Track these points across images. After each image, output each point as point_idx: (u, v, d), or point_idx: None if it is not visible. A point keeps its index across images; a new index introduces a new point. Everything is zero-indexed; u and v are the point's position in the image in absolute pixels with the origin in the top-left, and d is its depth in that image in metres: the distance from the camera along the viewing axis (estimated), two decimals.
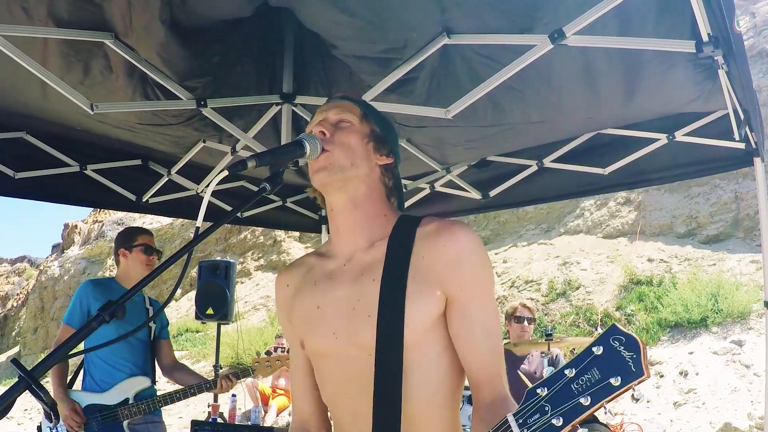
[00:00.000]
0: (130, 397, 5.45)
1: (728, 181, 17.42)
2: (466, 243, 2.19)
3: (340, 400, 2.32)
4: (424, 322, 2.15)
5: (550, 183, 6.25)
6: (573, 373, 1.68)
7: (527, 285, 18.69)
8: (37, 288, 37.26)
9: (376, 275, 2.21)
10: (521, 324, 7.64)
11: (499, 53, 3.84)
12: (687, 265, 16.87)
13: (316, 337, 2.32)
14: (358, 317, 2.20)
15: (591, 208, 20.33)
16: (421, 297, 2.14)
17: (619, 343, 1.65)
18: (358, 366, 2.19)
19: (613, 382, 1.62)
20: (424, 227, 2.26)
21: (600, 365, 1.66)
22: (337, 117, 2.34)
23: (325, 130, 2.27)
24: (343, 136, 2.29)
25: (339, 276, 2.32)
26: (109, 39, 3.78)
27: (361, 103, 2.46)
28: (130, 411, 5.39)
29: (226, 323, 10.40)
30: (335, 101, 2.42)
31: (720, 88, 3.93)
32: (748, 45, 17.45)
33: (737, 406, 11.61)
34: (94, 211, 37.05)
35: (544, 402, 1.70)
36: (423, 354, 2.17)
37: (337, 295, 2.29)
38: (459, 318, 2.17)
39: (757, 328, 13.66)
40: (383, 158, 2.39)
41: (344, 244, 2.36)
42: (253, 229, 28.39)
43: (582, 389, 1.66)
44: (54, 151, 5.77)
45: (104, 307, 1.77)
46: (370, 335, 2.15)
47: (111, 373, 5.49)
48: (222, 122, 4.72)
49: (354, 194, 2.31)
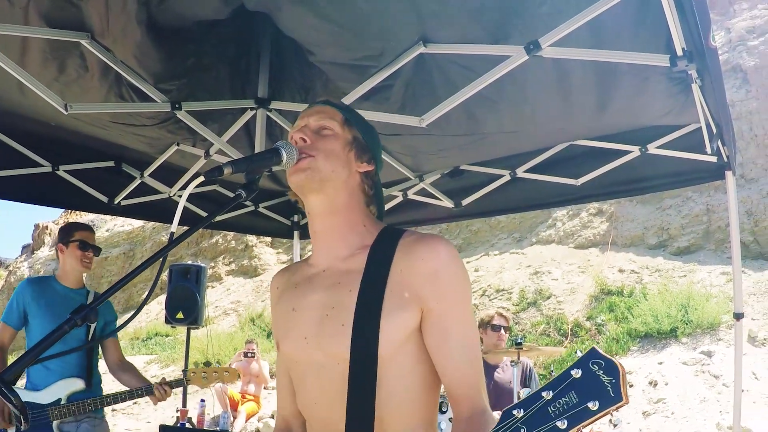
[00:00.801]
0: (63, 398, 5.42)
1: (700, 193, 17.56)
2: (444, 257, 2.18)
3: (311, 409, 2.31)
4: (399, 336, 2.13)
5: (523, 193, 6.27)
6: (550, 395, 1.66)
7: (498, 294, 18.73)
8: (6, 289, 36.87)
9: (353, 286, 2.19)
10: (497, 332, 7.65)
11: (475, 63, 3.84)
12: (658, 276, 16.98)
13: (288, 340, 2.33)
14: (331, 324, 2.19)
15: (563, 219, 20.41)
16: (398, 310, 2.13)
17: (599, 367, 1.64)
18: (329, 376, 2.19)
19: (591, 406, 1.60)
20: (404, 241, 2.25)
21: (578, 389, 1.64)
22: (318, 124, 2.32)
23: (306, 137, 2.26)
24: (325, 143, 2.27)
25: (317, 281, 2.32)
26: (85, 39, 3.76)
27: (344, 108, 2.45)
28: (61, 411, 5.36)
29: (196, 328, 10.34)
30: (317, 106, 2.39)
31: (693, 101, 3.96)
32: (722, 60, 17.62)
33: (706, 416, 11.70)
34: (66, 212, 36.74)
35: (520, 424, 1.67)
36: (397, 367, 2.15)
37: (312, 300, 2.28)
38: (436, 331, 2.16)
39: (727, 339, 13.78)
40: (364, 165, 2.36)
41: (323, 250, 2.35)
42: (224, 234, 28.26)
43: (559, 412, 1.63)
44: (26, 151, 5.70)
45: (77, 311, 1.76)
46: (342, 344, 2.13)
47: (44, 373, 5.46)
48: (196, 125, 4.70)
49: (332, 199, 2.29)
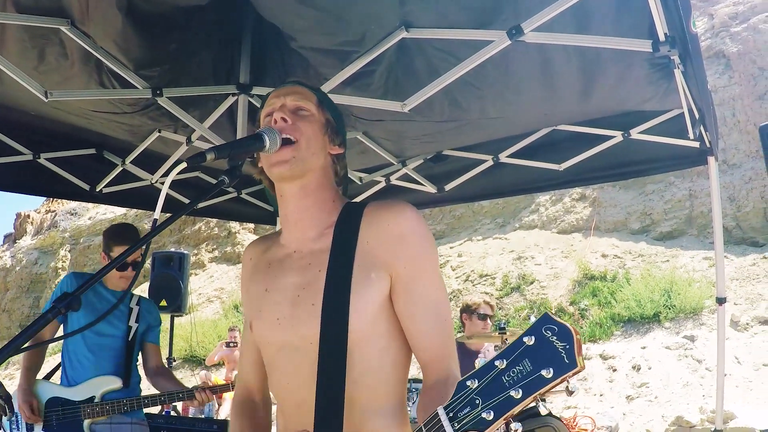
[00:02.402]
0: (97, 395, 5.25)
1: (683, 179, 17.64)
2: (409, 220, 2.21)
3: (283, 390, 2.31)
4: (369, 311, 2.15)
5: (506, 178, 6.29)
6: (504, 364, 1.62)
7: (482, 279, 18.80)
8: None
9: (322, 265, 2.21)
10: (483, 321, 7.64)
11: (457, 48, 3.84)
12: (641, 261, 17.07)
13: (260, 321, 2.33)
14: (302, 305, 2.20)
15: (546, 204, 20.48)
16: (367, 284, 2.15)
17: (552, 333, 1.59)
18: (301, 356, 2.20)
19: (545, 374, 1.56)
20: (368, 212, 2.27)
21: (532, 356, 1.60)
22: (295, 104, 2.32)
23: (286, 117, 2.25)
24: (305, 126, 2.28)
25: (288, 264, 2.33)
26: (65, 26, 3.73)
27: (317, 90, 2.44)
28: (93, 410, 5.20)
29: (179, 315, 10.32)
30: (291, 86, 2.39)
31: (675, 87, 3.97)
32: (705, 46, 17.68)
33: (689, 400, 11.78)
34: (47, 201, 36.62)
35: (475, 395, 1.64)
36: (368, 345, 2.17)
37: (284, 282, 2.29)
38: (404, 295, 2.18)
39: (709, 323, 13.87)
40: (336, 148, 2.39)
41: (293, 232, 2.36)
42: (207, 221, 28.23)
43: (513, 381, 1.59)
44: (7, 139, 5.67)
45: (60, 298, 1.75)
46: (314, 325, 2.15)
47: (79, 369, 5.33)
48: (178, 112, 4.69)
49: (307, 182, 2.30)
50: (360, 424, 2.15)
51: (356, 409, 2.14)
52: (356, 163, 6.47)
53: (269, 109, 2.32)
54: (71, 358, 5.34)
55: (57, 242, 32.80)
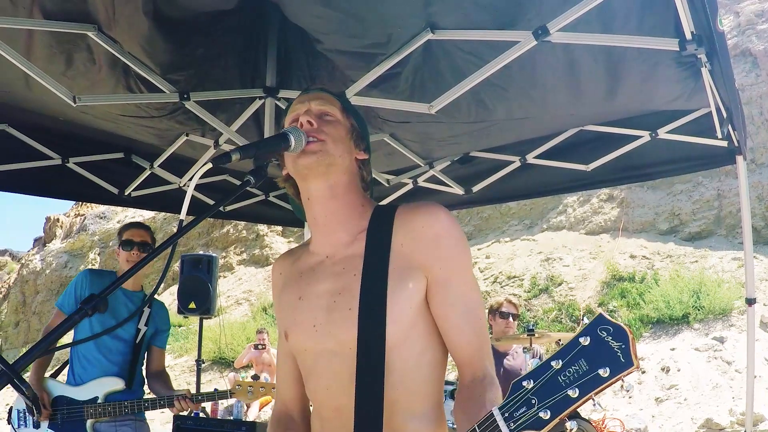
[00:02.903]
0: (100, 396, 5.33)
1: (711, 178, 17.52)
2: (443, 221, 2.22)
3: (322, 396, 2.31)
4: (406, 315, 2.16)
5: (533, 179, 6.26)
6: (560, 364, 1.66)
7: (510, 281, 18.74)
8: (18, 282, 37.03)
9: (356, 270, 2.21)
10: (506, 320, 7.63)
11: (483, 49, 3.83)
12: (669, 262, 16.96)
13: (297, 329, 2.33)
14: (339, 310, 2.21)
15: (574, 205, 20.40)
16: (403, 288, 2.16)
17: (607, 333, 1.63)
18: (340, 362, 2.20)
19: (602, 373, 1.60)
20: (400, 214, 2.28)
21: (588, 356, 1.64)
22: (320, 108, 2.33)
23: (312, 120, 2.26)
24: (330, 128, 2.29)
25: (321, 270, 2.33)
26: (92, 31, 3.76)
27: (341, 96, 2.46)
28: (96, 410, 5.28)
29: (208, 318, 10.37)
30: (315, 92, 2.40)
31: (703, 86, 3.93)
32: (731, 44, 17.54)
33: (719, 402, 11.69)
34: (76, 205, 36.86)
35: (531, 395, 1.68)
36: (406, 348, 2.18)
37: (318, 289, 2.29)
38: (441, 296, 2.19)
39: (739, 324, 13.75)
40: (361, 153, 2.41)
41: (324, 236, 2.37)
42: (235, 224, 28.32)
43: (570, 381, 1.63)
44: (36, 144, 5.73)
45: (86, 300, 1.76)
46: (351, 329, 2.15)
47: (86, 369, 5.41)
48: (205, 116, 4.71)
49: (334, 182, 2.31)
50: (399, 426, 2.18)
51: (396, 412, 2.16)
52: (383, 165, 6.47)
53: (294, 114, 2.34)
54: (80, 357, 5.42)
55: (86, 245, 33.00)
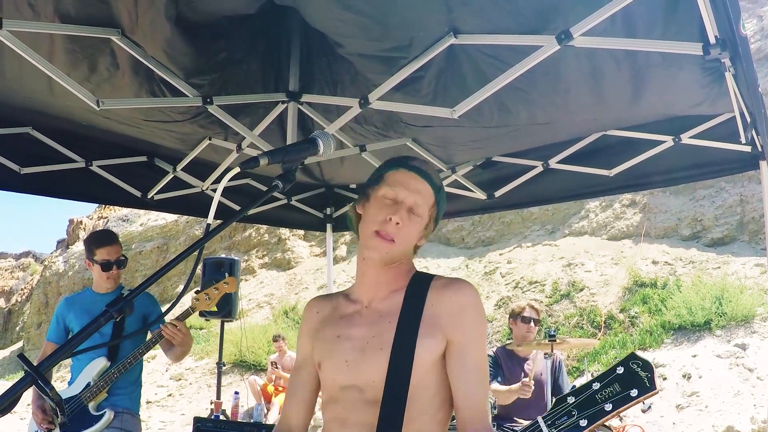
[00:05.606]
0: (92, 380, 5.52)
1: (734, 184, 17.43)
2: (469, 296, 2.60)
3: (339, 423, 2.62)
4: (429, 360, 2.51)
5: (556, 184, 6.25)
6: (598, 386, 2.46)
7: (531, 286, 18.71)
8: (41, 283, 37.32)
9: (392, 318, 2.58)
10: (527, 324, 7.63)
11: (506, 54, 3.83)
12: (691, 268, 16.87)
13: (331, 362, 2.66)
14: (370, 351, 2.57)
15: (596, 210, 20.35)
16: (430, 338, 2.51)
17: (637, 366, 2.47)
18: (364, 396, 2.55)
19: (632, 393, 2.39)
20: (435, 283, 2.65)
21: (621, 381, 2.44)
22: (412, 202, 2.62)
23: (401, 221, 2.56)
24: (410, 230, 2.62)
25: (358, 317, 2.70)
26: (115, 35, 3.79)
27: (438, 188, 2.74)
28: (91, 391, 5.46)
29: (229, 321, 10.46)
30: (416, 180, 2.67)
31: (726, 90, 3.93)
32: (754, 48, 17.46)
33: (740, 410, 11.62)
34: (99, 207, 37.13)
35: (572, 408, 2.43)
36: (424, 389, 2.52)
37: (355, 332, 2.65)
38: (458, 358, 2.54)
39: (761, 331, 13.66)
40: (423, 240, 2.74)
41: (367, 290, 2.72)
42: (257, 227, 28.48)
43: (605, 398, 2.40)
44: (60, 147, 5.78)
45: (112, 304, 1.80)
46: (380, 367, 2.51)
47: (75, 365, 5.65)
48: (228, 120, 4.73)
49: (390, 261, 2.64)
50: None
51: None
52: None
53: (393, 195, 2.63)
54: (72, 359, 5.66)
55: None
